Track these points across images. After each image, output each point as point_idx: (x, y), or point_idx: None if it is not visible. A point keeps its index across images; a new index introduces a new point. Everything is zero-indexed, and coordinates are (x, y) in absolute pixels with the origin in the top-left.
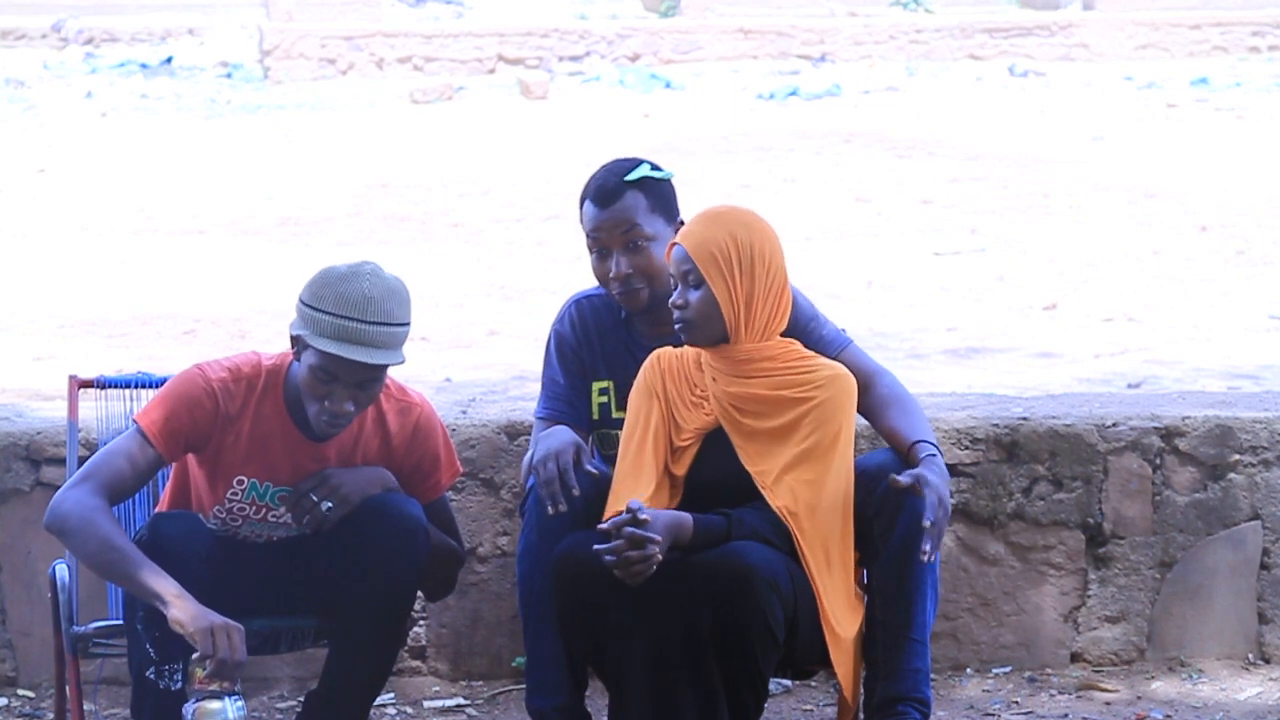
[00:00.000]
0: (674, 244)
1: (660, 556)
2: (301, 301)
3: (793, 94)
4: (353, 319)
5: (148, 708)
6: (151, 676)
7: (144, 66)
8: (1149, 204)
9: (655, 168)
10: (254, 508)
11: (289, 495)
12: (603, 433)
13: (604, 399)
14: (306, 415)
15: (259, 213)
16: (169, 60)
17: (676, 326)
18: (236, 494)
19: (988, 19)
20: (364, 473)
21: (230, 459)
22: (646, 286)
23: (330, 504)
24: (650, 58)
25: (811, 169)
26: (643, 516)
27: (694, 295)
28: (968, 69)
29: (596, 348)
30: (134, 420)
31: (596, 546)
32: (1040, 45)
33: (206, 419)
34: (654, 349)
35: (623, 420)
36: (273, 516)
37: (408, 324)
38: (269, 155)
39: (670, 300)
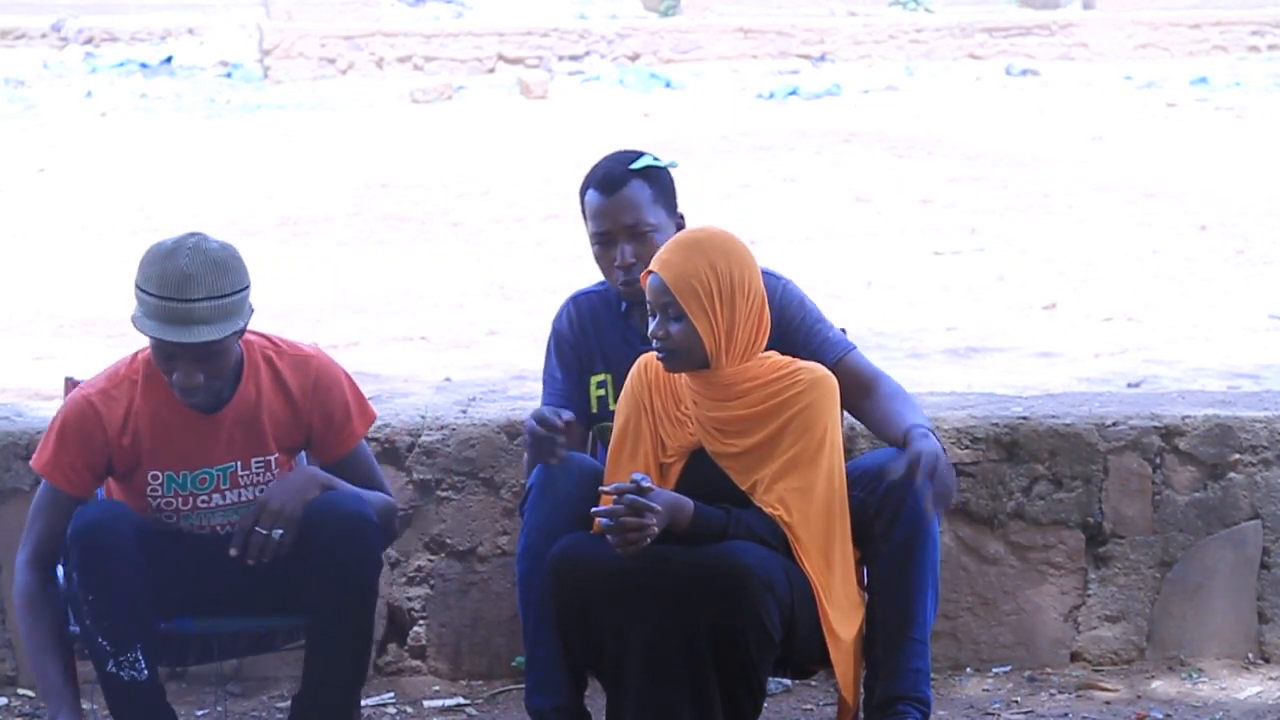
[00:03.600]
0: (650, 272)
1: (657, 529)
2: (134, 283)
3: (792, 94)
4: (173, 299)
5: (123, 705)
6: (113, 670)
7: (144, 66)
8: (1148, 204)
9: (656, 159)
10: (180, 499)
11: (236, 535)
12: (602, 426)
13: (601, 392)
14: None
15: (259, 212)
16: (169, 60)
17: (658, 357)
18: (156, 491)
19: (987, 18)
20: (295, 480)
21: (135, 458)
22: None
23: (280, 529)
24: (650, 57)
25: (811, 169)
26: (646, 485)
27: (675, 328)
28: (967, 69)
29: (594, 342)
30: (32, 468)
31: (594, 510)
32: (1040, 45)
33: (101, 437)
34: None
35: None
36: (202, 503)
37: (239, 291)
38: (269, 155)
39: (650, 331)
